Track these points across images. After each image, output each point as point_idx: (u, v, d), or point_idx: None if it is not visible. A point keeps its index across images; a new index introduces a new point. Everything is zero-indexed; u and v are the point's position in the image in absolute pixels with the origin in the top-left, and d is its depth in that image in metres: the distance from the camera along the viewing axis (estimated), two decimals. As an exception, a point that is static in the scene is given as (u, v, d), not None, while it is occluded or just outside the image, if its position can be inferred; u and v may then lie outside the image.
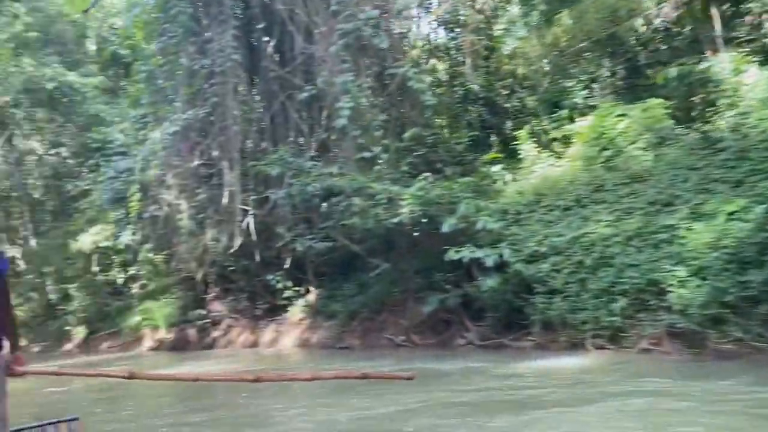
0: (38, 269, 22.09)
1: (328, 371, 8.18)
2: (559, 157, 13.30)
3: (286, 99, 13.59)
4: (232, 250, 14.73)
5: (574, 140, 13.21)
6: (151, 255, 17.04)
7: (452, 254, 10.19)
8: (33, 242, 22.91)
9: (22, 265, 24.26)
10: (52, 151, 20.24)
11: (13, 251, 24.32)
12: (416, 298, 12.39)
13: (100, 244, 17.90)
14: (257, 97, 13.99)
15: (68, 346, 20.76)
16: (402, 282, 12.59)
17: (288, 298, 15.35)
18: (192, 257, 15.16)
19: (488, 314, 11.02)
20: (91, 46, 21.90)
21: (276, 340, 15.00)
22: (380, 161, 11.91)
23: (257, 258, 14.79)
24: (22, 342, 20.68)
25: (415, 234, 11.45)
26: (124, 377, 3.34)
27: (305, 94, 12.85)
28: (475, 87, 14.61)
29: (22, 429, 4.17)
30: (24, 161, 20.52)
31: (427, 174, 10.92)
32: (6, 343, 3.07)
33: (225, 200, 13.89)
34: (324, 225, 13.38)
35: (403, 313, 12.64)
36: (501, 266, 10.38)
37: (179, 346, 16.58)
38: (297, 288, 15.33)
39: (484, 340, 11.06)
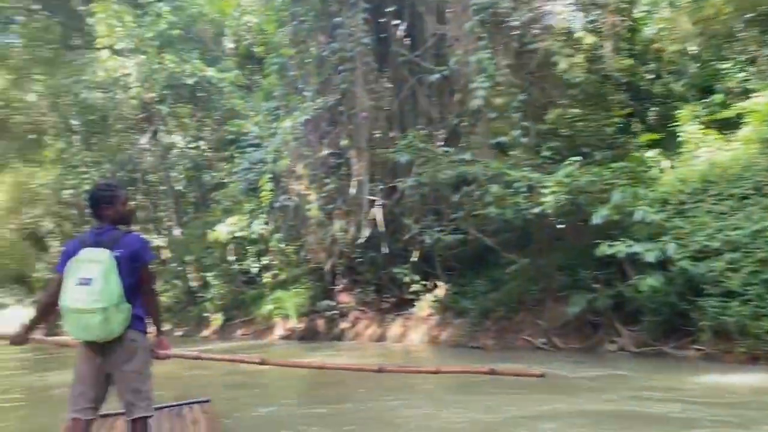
0: (181, 258, 23.39)
1: (453, 366, 7.79)
2: (728, 141, 11.53)
3: (416, 83, 12.97)
4: (359, 242, 14.41)
5: (744, 121, 11.40)
6: (282, 245, 17.25)
7: (605, 249, 8.98)
8: (177, 232, 24.34)
9: (167, 253, 25.96)
10: (192, 145, 21.25)
11: (159, 241, 26.08)
12: (557, 298, 11.26)
13: (236, 234, 18.41)
14: (386, 83, 13.46)
15: (206, 332, 21.77)
16: (541, 279, 11.50)
17: (415, 293, 14.79)
18: (320, 248, 15.05)
19: (645, 318, 9.66)
20: (228, 44, 22.76)
21: (403, 335, 14.49)
22: (518, 146, 10.87)
23: (384, 250, 14.35)
24: (167, 326, 21.94)
25: (559, 226, 10.33)
26: (256, 363, 3.66)
27: (436, 76, 12.13)
28: (617, 72, 13.13)
29: (163, 407, 4.84)
30: (168, 155, 21.73)
31: (576, 159, 9.74)
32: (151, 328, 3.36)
33: (353, 190, 13.57)
34: (454, 216, 12.61)
35: (542, 313, 11.55)
36: (662, 264, 9.02)
37: (308, 336, 16.63)
38: (424, 282, 14.71)
39: (640, 346, 9.72)
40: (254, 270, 19.82)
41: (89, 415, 3.22)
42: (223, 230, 18.40)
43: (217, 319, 22.00)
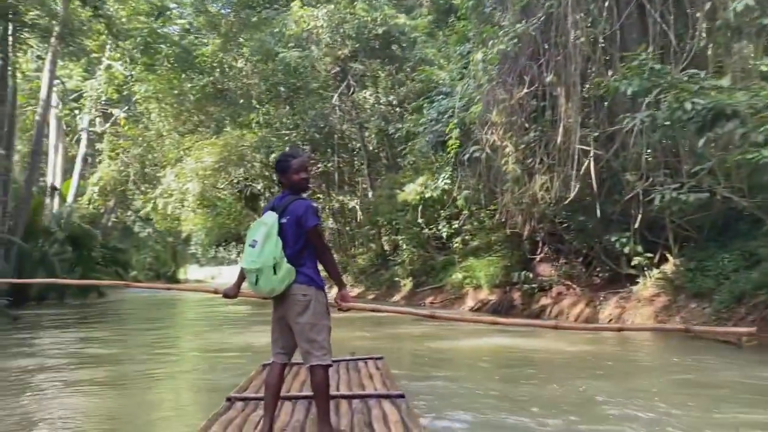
0: (372, 220, 22.80)
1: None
2: None
3: (645, -4, 9.97)
4: (566, 202, 11.93)
5: None
6: (472, 207, 15.39)
7: None
8: (370, 194, 23.80)
9: (360, 216, 25.71)
10: (383, 100, 20.18)
11: (353, 203, 25.90)
12: None
13: (425, 195, 16.96)
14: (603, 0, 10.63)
15: (397, 297, 20.93)
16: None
17: (636, 267, 11.94)
18: (518, 210, 12.85)
19: None
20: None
21: (620, 317, 11.77)
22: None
23: (597, 213, 11.67)
24: (360, 288, 21.49)
25: None
26: (427, 317, 4.23)
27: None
28: None
29: (340, 360, 5.38)
30: (359, 112, 20.98)
31: None
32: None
33: (559, 139, 11.10)
34: (697, 168, 9.53)
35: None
36: None
37: (502, 310, 14.66)
38: (649, 254, 11.79)
39: None
40: (444, 234, 18.28)
41: (282, 360, 3.61)
42: (411, 191, 17.07)
43: (407, 284, 21.04)
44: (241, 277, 3.67)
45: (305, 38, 19.43)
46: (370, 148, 22.31)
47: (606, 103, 10.64)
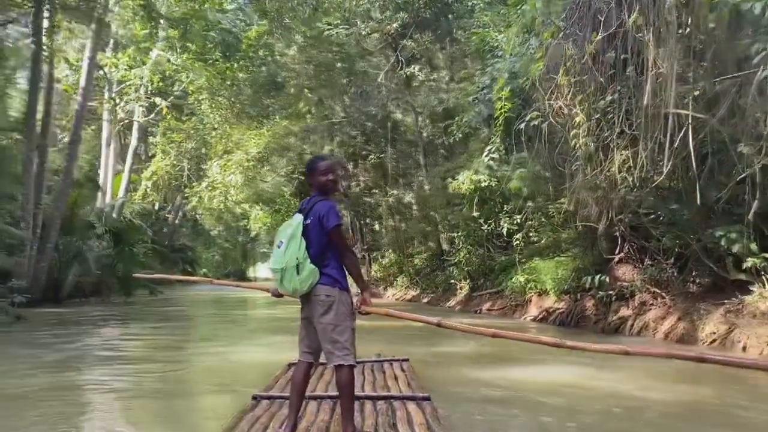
0: (426, 215, 20.53)
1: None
2: None
3: None
4: (653, 186, 9.24)
5: None
6: (537, 198, 12.82)
7: None
8: (426, 187, 21.52)
9: (416, 211, 23.46)
10: (435, 76, 17.85)
11: (408, 197, 23.68)
12: None
13: (481, 184, 14.53)
14: None
15: (452, 302, 18.54)
16: None
17: (749, 271, 9.10)
18: (591, 197, 10.24)
19: None
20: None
21: (727, 336, 8.94)
22: None
23: (696, 200, 8.86)
24: (415, 291, 19.19)
25: None
26: (433, 323, 3.55)
27: None
28: None
29: (365, 362, 5.73)
30: (413, 93, 18.75)
31: None
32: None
33: (645, 100, 8.42)
34: None
35: None
36: None
37: (571, 322, 12.07)
38: (767, 255, 8.93)
39: None
40: (505, 231, 15.73)
41: (308, 359, 3.69)
42: (465, 179, 14.67)
43: (463, 288, 18.61)
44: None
45: (352, 12, 17.45)
46: (425, 134, 20.03)
47: (713, 48, 7.89)
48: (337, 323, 3.48)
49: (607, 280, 11.46)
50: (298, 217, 3.59)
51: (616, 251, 11.90)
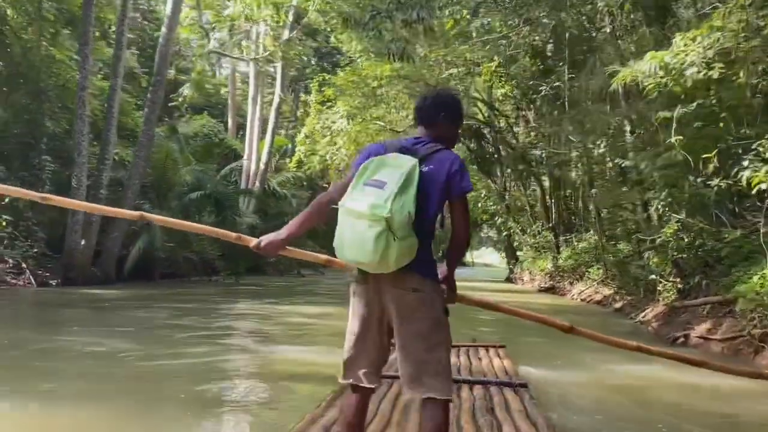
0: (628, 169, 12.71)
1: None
2: None
3: None
4: None
5: None
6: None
7: None
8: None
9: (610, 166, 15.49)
10: None
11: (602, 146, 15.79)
12: None
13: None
14: None
15: (648, 314, 10.69)
16: None
17: None
18: None
19: None
20: None
21: None
22: None
23: None
24: (609, 289, 12.49)
25: None
26: (564, 329, 2.74)
27: None
28: None
29: (461, 346, 5.39)
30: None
31: None
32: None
33: None
34: None
35: None
36: None
37: None
38: None
39: None
40: (747, 183, 7.64)
41: (370, 382, 2.66)
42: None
43: (669, 292, 10.61)
44: (301, 221, 2.37)
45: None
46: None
47: None
48: (429, 333, 2.23)
49: None
50: (410, 159, 2.20)
51: None
